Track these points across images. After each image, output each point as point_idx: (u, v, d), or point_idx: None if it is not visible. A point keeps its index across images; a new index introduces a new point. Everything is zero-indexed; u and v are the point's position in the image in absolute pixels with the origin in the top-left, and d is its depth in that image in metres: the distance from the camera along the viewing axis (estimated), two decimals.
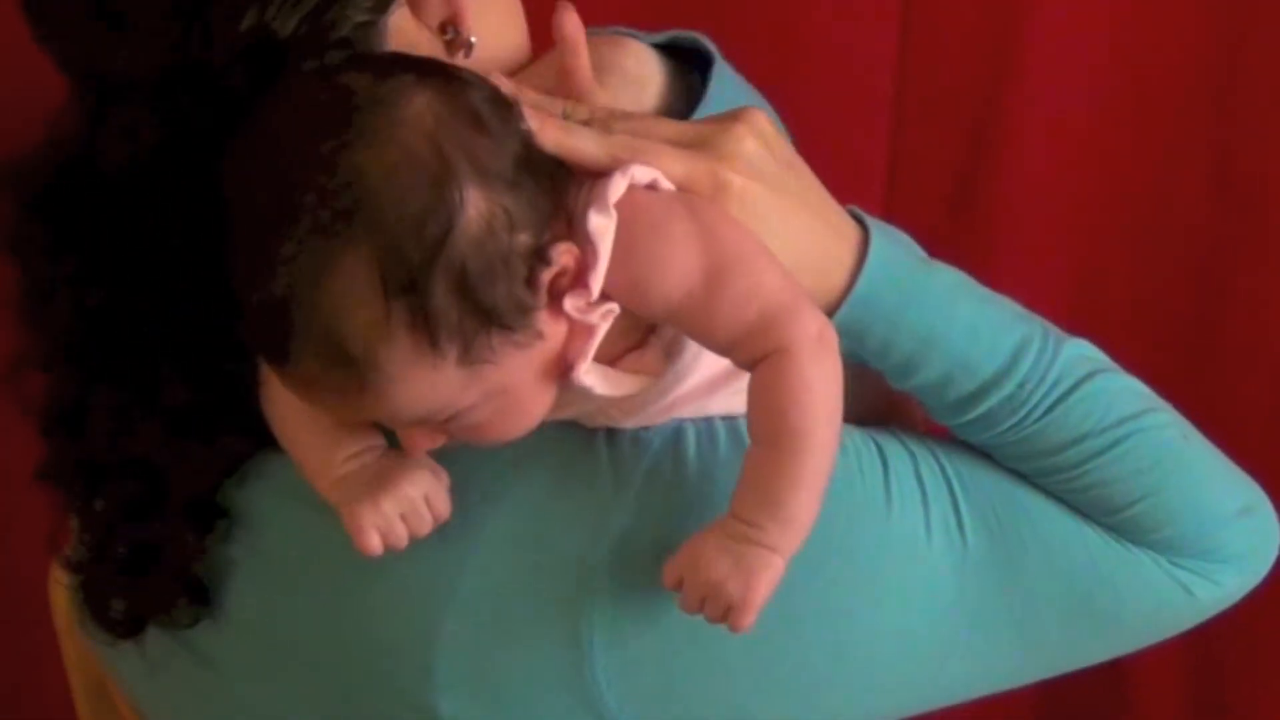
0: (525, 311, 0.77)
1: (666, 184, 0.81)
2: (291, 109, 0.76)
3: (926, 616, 0.87)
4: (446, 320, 0.74)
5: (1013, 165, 1.44)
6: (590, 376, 0.80)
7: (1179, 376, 1.48)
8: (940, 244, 1.47)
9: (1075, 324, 1.48)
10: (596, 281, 0.78)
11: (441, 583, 0.83)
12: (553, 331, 0.79)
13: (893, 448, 0.88)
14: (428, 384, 0.76)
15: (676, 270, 0.79)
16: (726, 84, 0.95)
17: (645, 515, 0.83)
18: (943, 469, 0.88)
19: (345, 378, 0.75)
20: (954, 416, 0.88)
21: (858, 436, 0.88)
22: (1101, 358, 0.92)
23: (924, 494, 0.87)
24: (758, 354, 0.79)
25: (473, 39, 0.87)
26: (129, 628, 0.93)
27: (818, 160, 1.44)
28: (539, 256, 0.77)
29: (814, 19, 1.42)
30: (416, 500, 0.81)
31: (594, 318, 0.78)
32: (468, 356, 0.76)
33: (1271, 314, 1.46)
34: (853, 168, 1.45)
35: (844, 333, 0.83)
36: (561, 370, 0.80)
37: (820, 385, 0.79)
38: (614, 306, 0.79)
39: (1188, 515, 0.90)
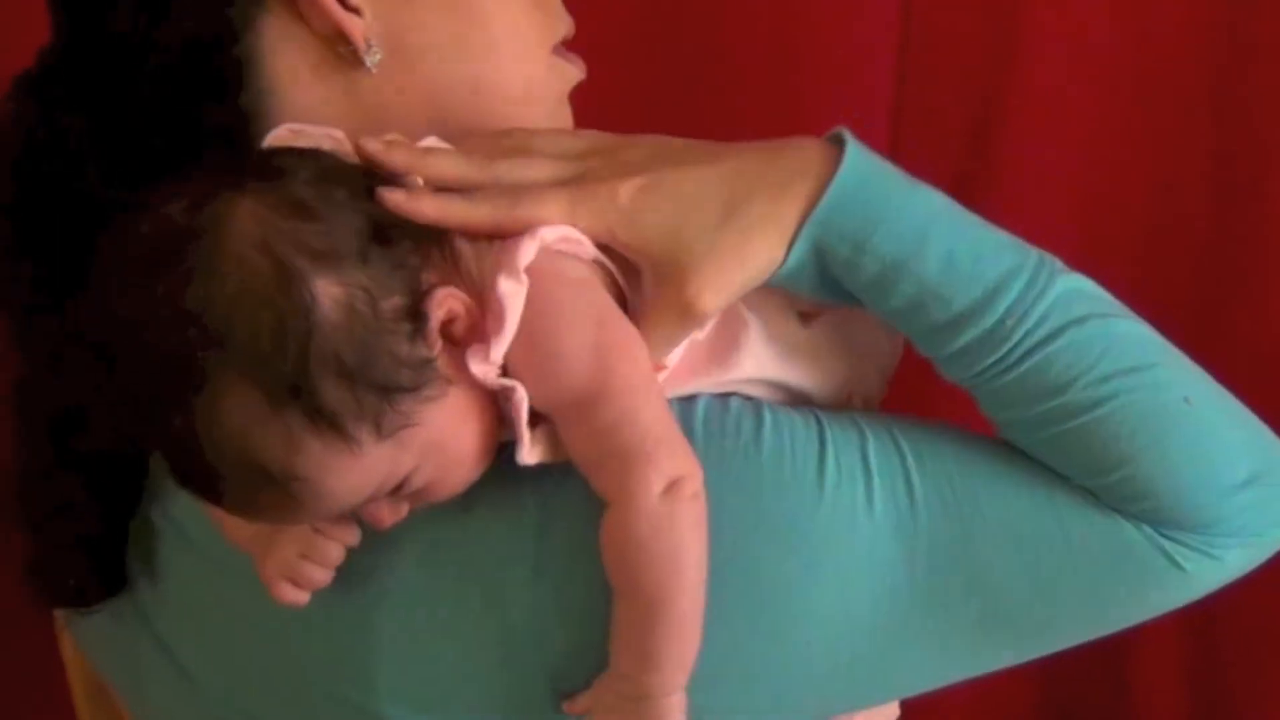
0: (422, 367, 0.77)
1: (579, 237, 0.81)
2: (123, 256, 0.76)
3: (871, 595, 0.83)
4: (344, 410, 0.75)
5: (1013, 165, 1.44)
6: (536, 453, 0.80)
7: None
8: None
9: None
10: (499, 348, 0.78)
11: (372, 589, 0.83)
12: (457, 372, 0.79)
13: (839, 425, 0.85)
14: (357, 471, 0.76)
15: (565, 378, 0.79)
16: None
17: (559, 508, 0.82)
18: (896, 444, 0.85)
19: (277, 496, 0.76)
20: (933, 349, 0.85)
21: (795, 415, 0.85)
22: (1104, 298, 0.87)
23: (867, 469, 0.83)
24: (607, 491, 0.79)
25: (372, 53, 0.87)
26: (78, 597, 0.93)
27: None
28: (417, 313, 0.77)
29: (814, 19, 1.42)
30: (311, 537, 0.82)
31: (494, 384, 0.78)
32: (383, 431, 0.76)
33: (1272, 313, 1.46)
34: None
35: (811, 251, 0.82)
36: (491, 427, 0.80)
37: (661, 540, 0.77)
38: (516, 386, 0.78)
39: (1174, 487, 0.83)
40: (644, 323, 0.82)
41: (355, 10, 0.87)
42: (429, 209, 0.80)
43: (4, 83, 0.91)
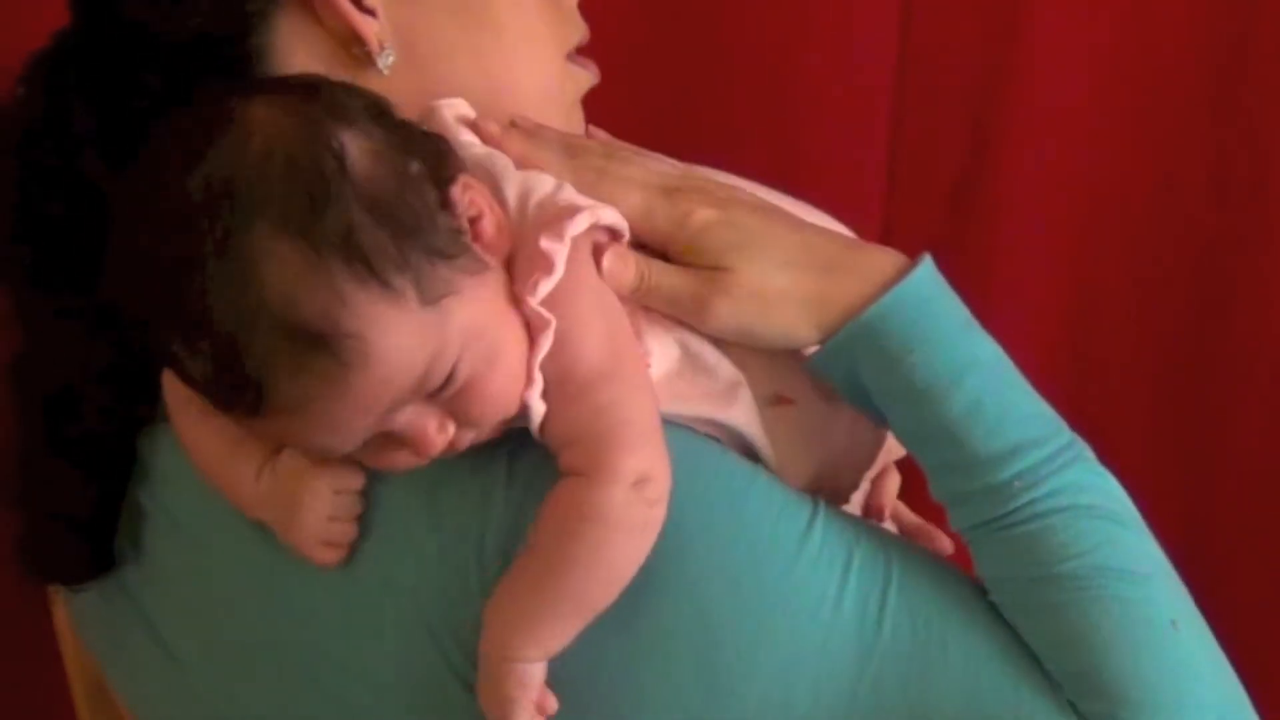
0: (457, 236, 0.77)
1: (625, 231, 0.83)
2: (158, 148, 0.77)
3: (814, 687, 0.80)
4: (386, 258, 0.74)
5: (1013, 165, 1.44)
6: (542, 404, 0.79)
7: (1179, 376, 1.49)
8: (940, 244, 1.48)
9: (1075, 324, 1.50)
10: (546, 287, 0.78)
11: (358, 572, 0.83)
12: (495, 264, 0.79)
13: (837, 518, 0.84)
14: (405, 333, 0.75)
15: (571, 347, 0.79)
16: None
17: (527, 509, 0.81)
18: (888, 560, 0.83)
19: (326, 365, 0.74)
20: (938, 485, 0.84)
21: (801, 495, 0.84)
22: (1123, 502, 0.85)
23: (848, 567, 0.81)
24: (574, 467, 0.78)
25: (386, 55, 0.88)
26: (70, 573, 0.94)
27: (818, 160, 1.45)
28: (442, 183, 0.77)
29: (814, 19, 1.42)
30: (332, 499, 0.81)
31: (534, 310, 0.78)
32: (424, 292, 0.75)
33: (1272, 313, 1.46)
34: (853, 168, 1.45)
35: (847, 346, 0.83)
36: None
37: (613, 527, 0.77)
38: (551, 320, 0.78)
39: (1139, 700, 0.80)
40: (665, 264, 0.84)
41: (370, 11, 0.87)
42: (517, 145, 0.82)
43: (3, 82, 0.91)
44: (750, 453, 0.85)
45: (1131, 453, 1.52)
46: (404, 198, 0.75)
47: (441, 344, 0.76)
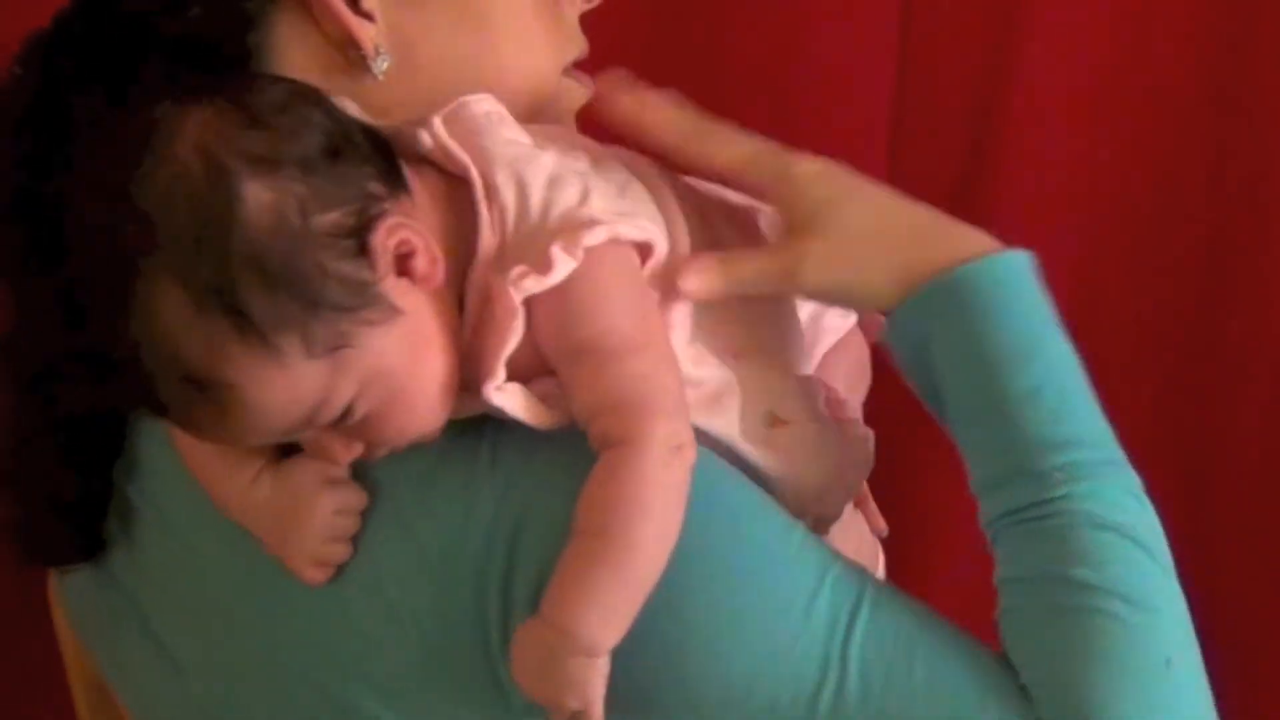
0: (359, 288, 0.77)
1: (661, 247, 0.83)
2: (91, 154, 0.78)
3: (774, 691, 0.80)
4: (267, 316, 0.75)
5: (1013, 166, 1.44)
6: (504, 396, 0.79)
7: (1179, 376, 1.49)
8: None
9: (1076, 324, 1.50)
10: (542, 285, 0.78)
11: (347, 571, 0.83)
12: (415, 306, 0.79)
13: (816, 539, 0.84)
14: (285, 386, 0.76)
15: (603, 320, 0.79)
16: None
17: (512, 495, 0.81)
18: (862, 579, 0.82)
19: (208, 406, 0.76)
20: (980, 464, 0.84)
21: (780, 506, 0.85)
22: (1155, 531, 0.84)
23: (824, 572, 0.81)
24: (611, 435, 0.78)
25: (381, 60, 0.88)
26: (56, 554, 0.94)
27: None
28: (361, 232, 0.77)
29: (814, 19, 1.42)
30: (331, 520, 0.82)
31: (512, 301, 0.78)
32: (313, 347, 0.76)
33: (1272, 314, 1.46)
34: (853, 167, 1.45)
35: (923, 310, 0.84)
36: (459, 365, 0.80)
37: (659, 489, 0.77)
38: (519, 311, 0.78)
39: None
40: (739, 252, 0.86)
41: (367, 16, 0.87)
42: (626, 104, 0.87)
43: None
44: (740, 466, 0.86)
45: (1132, 452, 1.53)
46: (295, 256, 0.75)
47: (329, 392, 0.77)
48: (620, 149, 0.91)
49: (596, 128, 0.95)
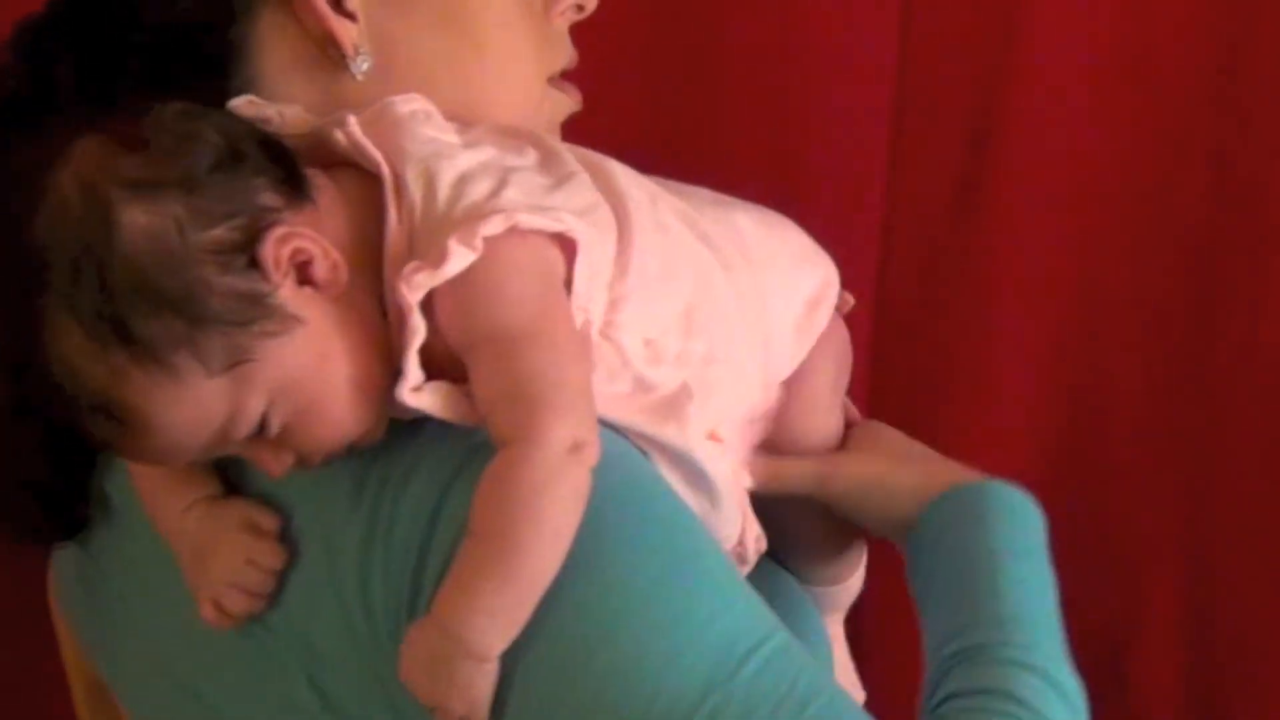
0: (256, 300, 0.77)
1: (592, 242, 0.82)
2: None
3: (650, 699, 0.76)
4: (157, 338, 0.75)
5: (1013, 165, 1.44)
6: (420, 397, 0.79)
7: (1179, 376, 1.48)
8: (940, 244, 1.49)
9: (1075, 324, 1.50)
10: (432, 281, 0.77)
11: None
12: (319, 313, 0.79)
13: (741, 578, 0.83)
14: (189, 404, 0.77)
15: (498, 311, 0.78)
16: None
17: (429, 493, 0.80)
18: (778, 625, 0.81)
19: (117, 428, 0.77)
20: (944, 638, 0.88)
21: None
22: None
23: (733, 601, 0.80)
24: (503, 432, 0.77)
25: (361, 61, 0.88)
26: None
27: (818, 161, 1.45)
28: (249, 245, 0.77)
29: (814, 19, 1.42)
30: (240, 568, 0.83)
31: (406, 305, 0.77)
32: (210, 364, 0.76)
33: (1271, 314, 1.46)
34: (853, 168, 1.45)
35: (948, 505, 0.92)
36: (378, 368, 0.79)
37: (549, 491, 0.76)
38: (415, 312, 0.78)
39: None
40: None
41: (350, 15, 0.87)
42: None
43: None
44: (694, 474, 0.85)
45: (1132, 451, 1.53)
46: (176, 276, 0.75)
47: (236, 406, 0.78)
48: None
49: (583, 136, 0.95)
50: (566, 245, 0.81)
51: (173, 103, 0.80)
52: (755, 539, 0.92)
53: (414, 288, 0.77)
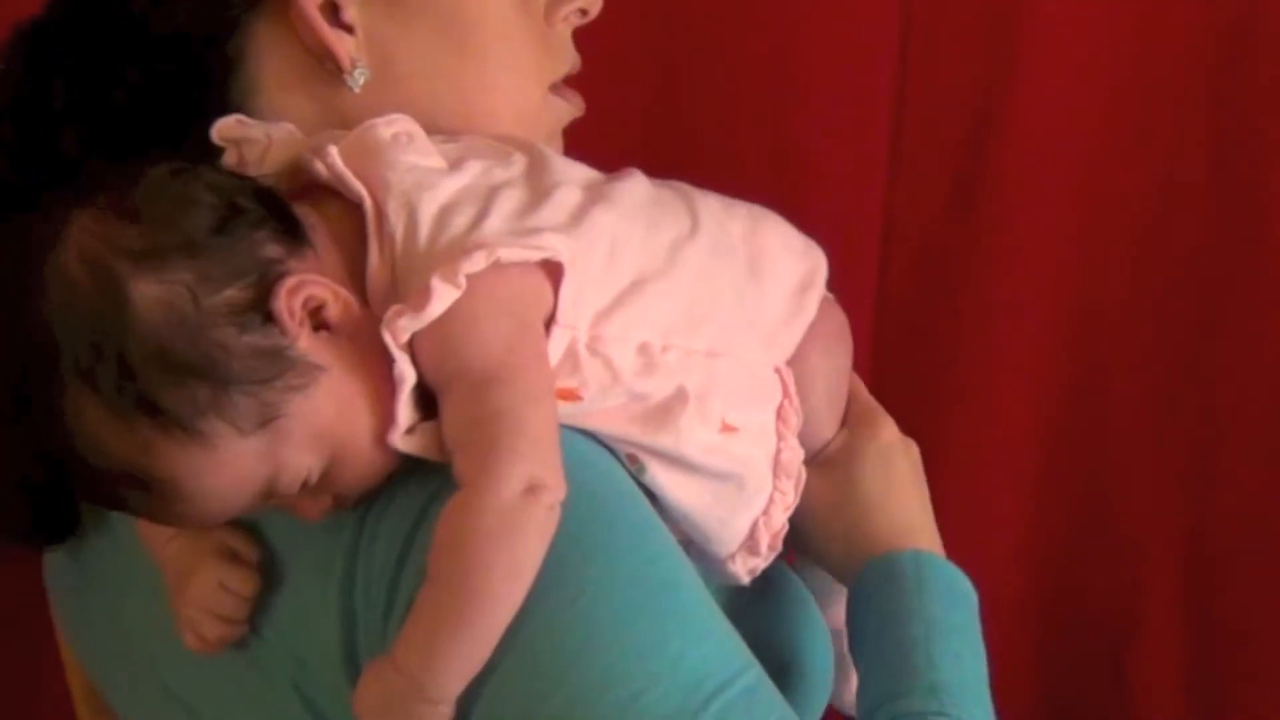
0: (277, 355, 0.76)
1: (577, 260, 0.80)
2: None
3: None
4: (183, 407, 0.75)
5: (1013, 165, 1.44)
6: (411, 441, 0.78)
7: (1179, 376, 1.49)
8: (940, 244, 1.49)
9: (1076, 323, 1.50)
10: (415, 324, 0.76)
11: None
12: (337, 357, 0.78)
13: (717, 612, 0.82)
14: (225, 468, 0.76)
15: (469, 350, 0.77)
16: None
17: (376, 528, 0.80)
18: (751, 662, 0.80)
19: (156, 500, 0.77)
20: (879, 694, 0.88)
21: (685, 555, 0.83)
22: None
23: (707, 634, 0.79)
24: (464, 473, 0.76)
25: (358, 74, 0.87)
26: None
27: (818, 159, 1.45)
28: (261, 302, 0.76)
29: (814, 19, 1.42)
30: (214, 593, 0.83)
31: (394, 349, 0.77)
32: (242, 425, 0.76)
33: (1271, 314, 1.46)
34: (853, 168, 1.45)
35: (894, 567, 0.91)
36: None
37: (503, 534, 0.74)
38: (400, 358, 0.77)
39: None
40: None
41: (347, 28, 0.87)
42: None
43: None
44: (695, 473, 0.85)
45: (1132, 450, 1.53)
46: (195, 343, 0.75)
47: (278, 463, 0.77)
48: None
49: (584, 143, 0.95)
50: (551, 267, 0.80)
51: (159, 164, 0.79)
52: (773, 536, 0.91)
53: (398, 332, 0.77)
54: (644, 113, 1.42)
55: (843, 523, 0.93)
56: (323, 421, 0.77)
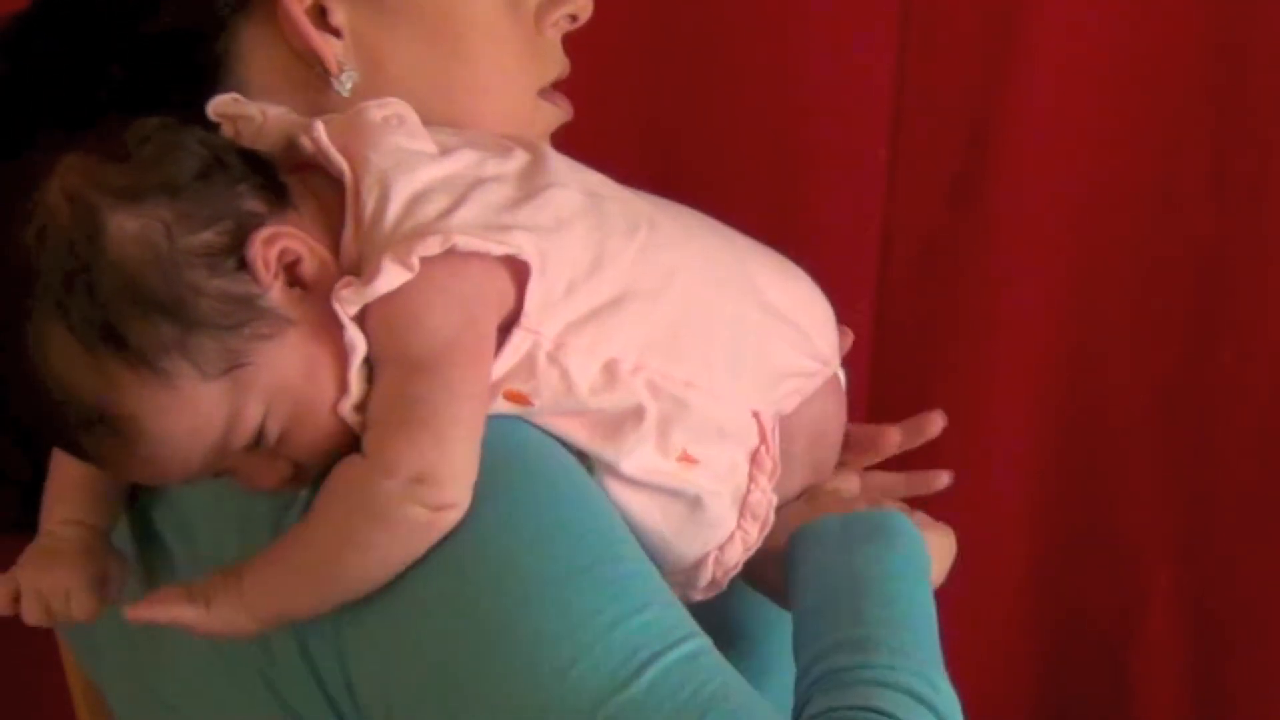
0: (247, 303, 0.76)
1: (545, 265, 0.80)
2: None
3: (540, 714, 0.75)
4: (149, 343, 0.75)
5: (1013, 165, 1.44)
6: (356, 417, 0.78)
7: (1179, 376, 1.49)
8: (940, 243, 1.49)
9: (1075, 323, 1.50)
10: (361, 300, 0.77)
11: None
12: (309, 314, 0.78)
13: (652, 580, 0.80)
14: (186, 411, 0.76)
15: (419, 335, 0.77)
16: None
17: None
18: (692, 633, 0.78)
19: (114, 442, 0.77)
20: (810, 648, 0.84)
21: (628, 536, 0.82)
22: None
23: (640, 608, 0.77)
24: (366, 447, 0.77)
25: (346, 78, 0.87)
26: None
27: (818, 160, 1.45)
28: (236, 247, 0.76)
29: (814, 19, 1.42)
30: (58, 593, 0.84)
31: (343, 318, 0.77)
32: (206, 368, 0.76)
33: (1272, 314, 1.46)
34: (853, 168, 1.45)
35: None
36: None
37: (364, 516, 0.76)
38: (349, 327, 0.77)
39: None
40: None
41: (334, 32, 0.87)
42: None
43: None
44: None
45: (1132, 449, 1.53)
46: (167, 280, 0.75)
47: (234, 411, 0.77)
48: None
49: (573, 148, 0.95)
50: (518, 267, 0.79)
51: (153, 117, 0.79)
52: (723, 572, 0.90)
53: (343, 302, 0.77)
54: (640, 116, 1.42)
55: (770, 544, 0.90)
56: (286, 376, 0.77)
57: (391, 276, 0.76)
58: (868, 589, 0.84)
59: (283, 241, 0.78)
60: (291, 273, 0.78)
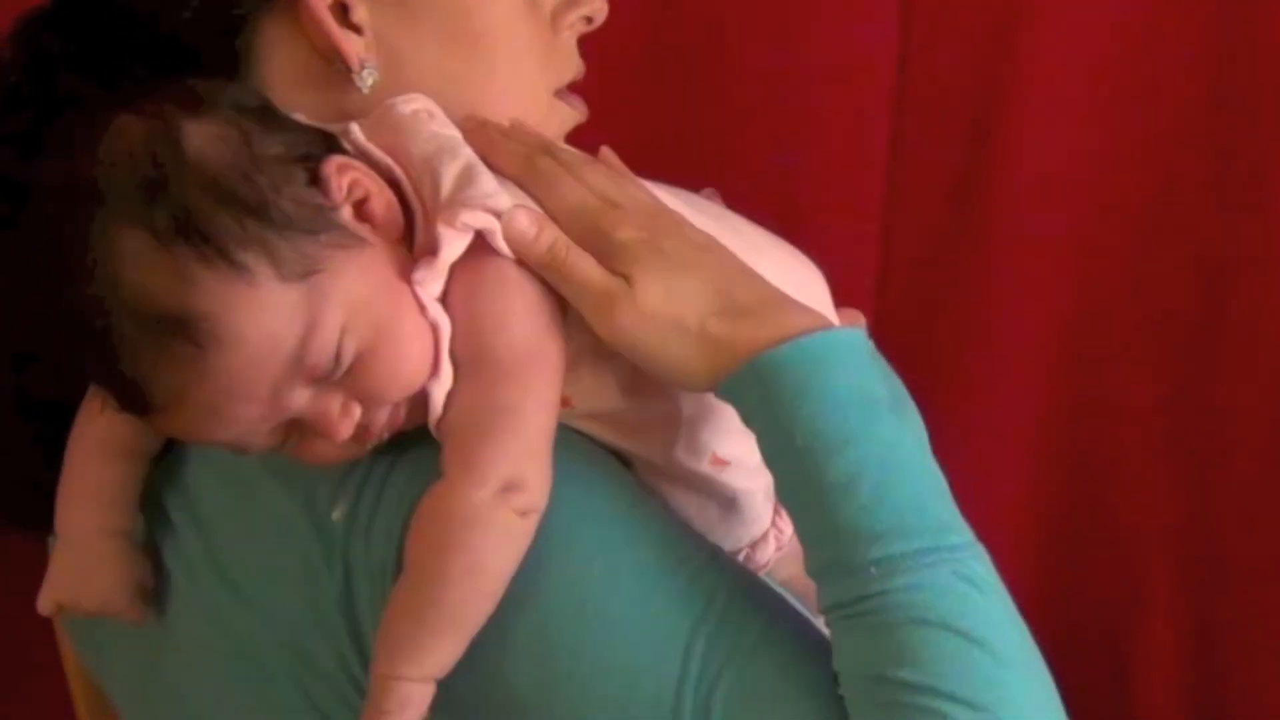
0: (320, 213, 0.77)
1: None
2: (55, 149, 0.79)
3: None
4: (229, 235, 0.74)
5: (1013, 164, 1.44)
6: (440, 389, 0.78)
7: (1179, 375, 1.49)
8: (940, 244, 1.49)
9: (1076, 324, 1.50)
10: (432, 280, 0.78)
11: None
12: (379, 241, 0.78)
13: (722, 570, 0.81)
14: (262, 310, 0.75)
15: (506, 334, 0.78)
16: None
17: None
18: (740, 633, 0.78)
19: (186, 351, 0.75)
20: (809, 562, 0.79)
21: (690, 534, 0.83)
22: (988, 629, 0.77)
23: (705, 612, 0.78)
24: (449, 460, 0.77)
25: (366, 75, 0.87)
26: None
27: (818, 160, 1.45)
28: (309, 161, 0.77)
29: (814, 19, 1.42)
30: (100, 603, 0.86)
31: (428, 304, 0.78)
32: (282, 268, 0.75)
33: (1272, 314, 1.46)
34: (853, 167, 1.45)
35: (734, 394, 0.80)
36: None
37: (477, 531, 0.75)
38: (440, 315, 0.78)
39: None
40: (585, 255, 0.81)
41: (355, 29, 0.87)
42: (479, 134, 0.83)
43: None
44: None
45: (1133, 450, 1.53)
46: (248, 176, 0.75)
47: (312, 320, 0.76)
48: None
49: (583, 139, 0.95)
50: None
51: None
52: (759, 564, 0.91)
53: (422, 284, 0.78)
54: (641, 114, 1.42)
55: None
56: (363, 293, 0.77)
57: (452, 242, 0.77)
58: (823, 462, 0.78)
59: (354, 173, 0.79)
60: (360, 208, 0.78)
